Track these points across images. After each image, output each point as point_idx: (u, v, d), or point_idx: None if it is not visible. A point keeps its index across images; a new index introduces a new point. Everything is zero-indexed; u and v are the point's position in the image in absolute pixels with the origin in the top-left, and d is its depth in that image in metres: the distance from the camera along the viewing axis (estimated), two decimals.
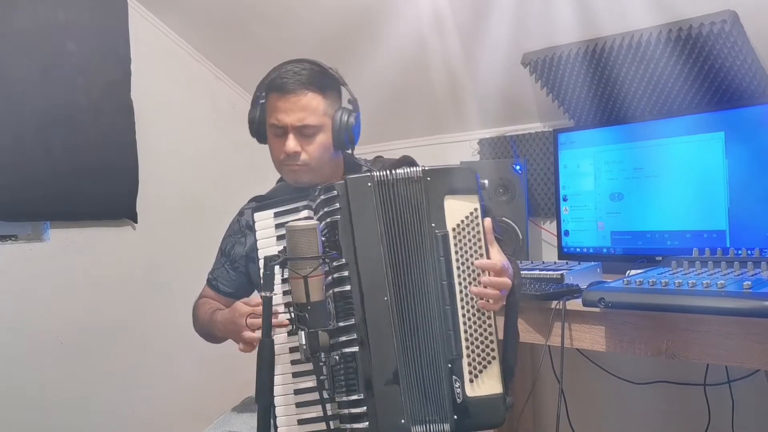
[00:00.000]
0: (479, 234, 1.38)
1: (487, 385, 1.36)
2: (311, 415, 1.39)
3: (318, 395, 1.33)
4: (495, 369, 1.37)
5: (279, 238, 1.46)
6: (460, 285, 1.38)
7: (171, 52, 2.90)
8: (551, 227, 2.42)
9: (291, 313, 1.26)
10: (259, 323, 1.29)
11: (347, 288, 1.37)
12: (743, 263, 1.58)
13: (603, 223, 2.15)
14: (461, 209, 1.39)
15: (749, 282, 1.41)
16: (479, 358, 1.37)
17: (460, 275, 1.38)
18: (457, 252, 1.38)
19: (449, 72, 2.47)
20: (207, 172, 2.98)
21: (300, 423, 1.40)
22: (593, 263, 2.01)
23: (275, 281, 1.29)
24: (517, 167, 2.30)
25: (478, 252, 1.38)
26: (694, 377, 2.05)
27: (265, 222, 1.48)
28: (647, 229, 2.04)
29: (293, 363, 1.41)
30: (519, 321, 1.58)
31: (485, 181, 1.43)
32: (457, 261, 1.38)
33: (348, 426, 1.36)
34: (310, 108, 1.52)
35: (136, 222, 2.74)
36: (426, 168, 1.41)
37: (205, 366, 2.90)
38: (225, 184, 2.95)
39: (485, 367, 1.37)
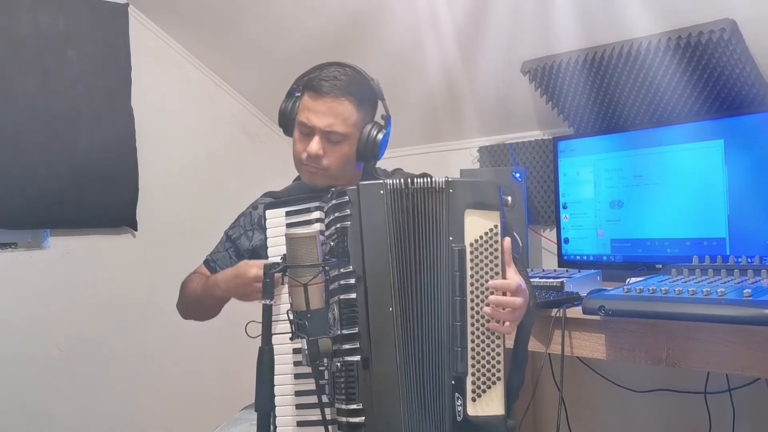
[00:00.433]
0: (497, 252, 1.35)
1: (489, 406, 1.34)
2: (311, 418, 1.38)
3: (317, 399, 1.33)
4: (499, 390, 1.34)
5: None
6: (472, 302, 1.35)
7: (171, 60, 2.91)
8: (551, 235, 2.42)
9: (291, 323, 1.26)
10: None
11: (353, 296, 1.35)
12: (743, 271, 1.58)
13: (603, 231, 2.15)
14: (481, 225, 1.36)
15: (749, 290, 1.40)
16: (484, 377, 1.34)
17: (473, 292, 1.35)
18: (473, 268, 1.35)
19: (448, 80, 2.48)
20: (207, 180, 2.98)
21: (299, 425, 1.39)
22: (593, 271, 2.01)
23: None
24: (517, 175, 2.30)
25: (494, 270, 1.35)
26: (694, 385, 2.05)
27: (277, 220, 1.47)
28: (647, 237, 2.04)
29: (295, 364, 1.40)
30: None
31: (509, 198, 1.41)
32: (472, 278, 1.35)
33: None
34: (342, 116, 1.51)
35: (136, 230, 2.74)
36: (450, 179, 1.38)
37: (205, 374, 2.89)
38: (225, 191, 2.95)
39: (489, 387, 1.34)
